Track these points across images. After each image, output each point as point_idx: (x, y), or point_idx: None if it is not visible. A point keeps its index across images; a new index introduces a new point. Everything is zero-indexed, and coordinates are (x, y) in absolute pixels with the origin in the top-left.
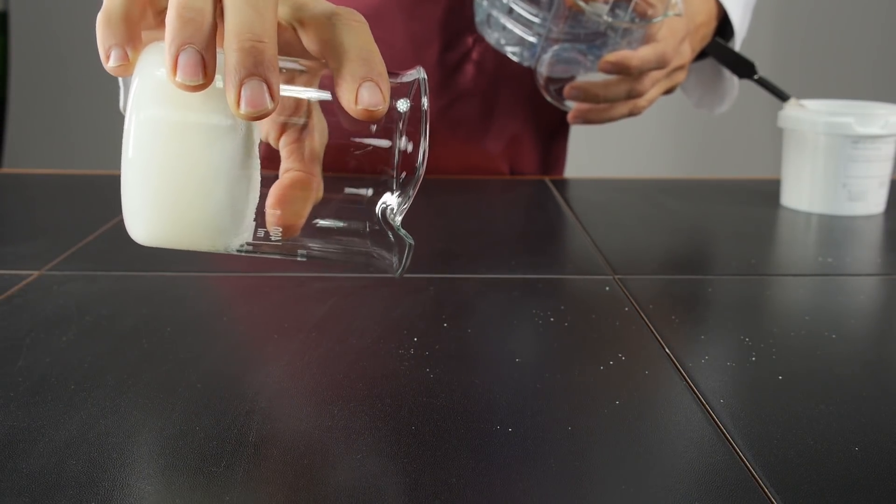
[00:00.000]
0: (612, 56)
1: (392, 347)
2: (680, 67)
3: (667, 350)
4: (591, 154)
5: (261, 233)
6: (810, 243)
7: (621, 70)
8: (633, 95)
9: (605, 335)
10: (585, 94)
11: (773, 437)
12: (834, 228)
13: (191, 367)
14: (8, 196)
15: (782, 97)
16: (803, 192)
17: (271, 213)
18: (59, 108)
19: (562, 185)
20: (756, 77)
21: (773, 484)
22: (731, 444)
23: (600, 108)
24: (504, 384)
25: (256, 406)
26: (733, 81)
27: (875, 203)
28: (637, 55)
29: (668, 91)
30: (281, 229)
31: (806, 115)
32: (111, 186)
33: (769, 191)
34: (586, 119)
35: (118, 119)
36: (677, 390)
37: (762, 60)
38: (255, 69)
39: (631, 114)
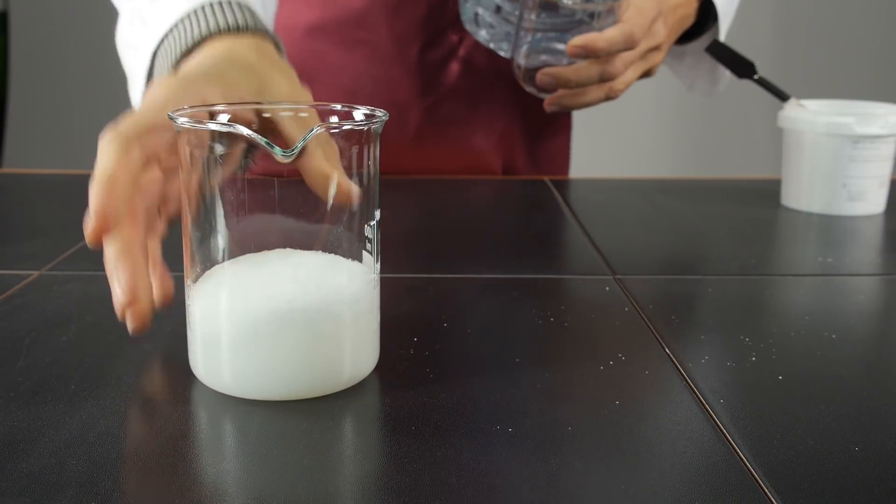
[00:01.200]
0: (578, 39)
1: (392, 347)
2: (655, 48)
3: (667, 350)
4: (591, 154)
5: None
6: (810, 243)
7: (589, 53)
8: (605, 78)
9: (605, 335)
10: (557, 79)
11: (773, 438)
12: (834, 228)
13: (191, 368)
14: (8, 196)
15: (782, 97)
16: (803, 192)
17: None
18: (59, 108)
19: (562, 185)
20: (756, 77)
21: (773, 484)
22: (731, 444)
23: (574, 93)
24: (504, 384)
25: (256, 406)
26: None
27: (875, 203)
28: (603, 37)
29: (646, 74)
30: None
31: (806, 115)
32: None
33: (769, 191)
34: (562, 105)
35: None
36: (677, 390)
37: (762, 60)
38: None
39: (607, 97)
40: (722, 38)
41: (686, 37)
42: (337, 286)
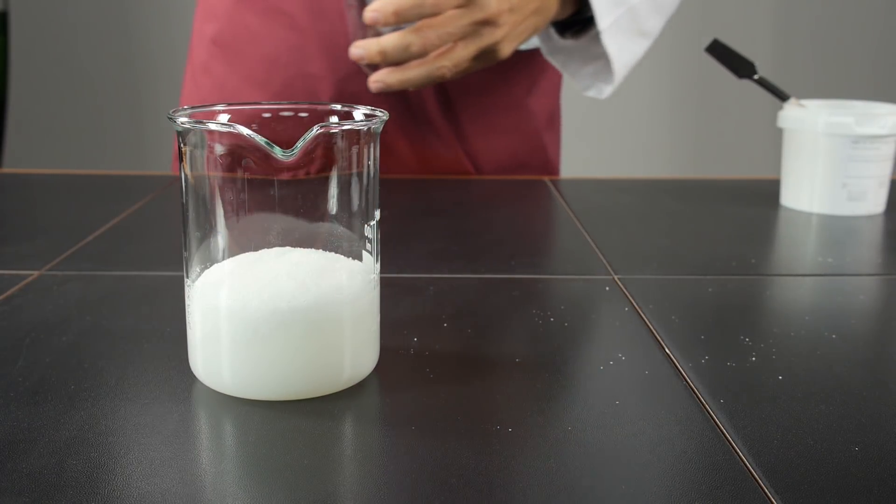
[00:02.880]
0: (373, 4)
1: (392, 347)
2: (486, 23)
3: (667, 350)
4: (590, 154)
5: None
6: (810, 243)
7: (386, 19)
8: (420, 52)
9: (605, 335)
10: (367, 52)
11: (772, 437)
12: (834, 228)
13: (190, 367)
14: (8, 196)
15: (782, 97)
16: (803, 192)
17: None
18: (59, 108)
19: (562, 185)
20: (756, 77)
21: (772, 484)
22: (730, 444)
23: (394, 69)
24: (504, 384)
25: (257, 406)
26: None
27: (875, 203)
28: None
29: (487, 56)
30: None
31: (806, 115)
32: (111, 186)
33: (769, 191)
34: (385, 83)
35: (118, 119)
36: (677, 390)
37: (762, 60)
38: None
39: (431, 77)
40: (603, 26)
41: (575, 29)
42: (337, 286)
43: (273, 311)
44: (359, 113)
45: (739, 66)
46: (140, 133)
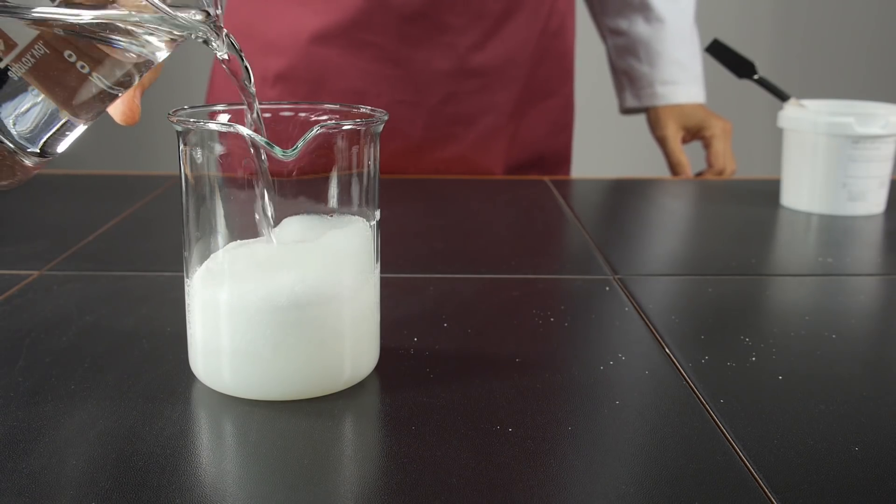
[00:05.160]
0: None
1: (392, 347)
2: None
3: (667, 350)
4: (591, 154)
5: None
6: (810, 243)
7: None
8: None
9: (605, 335)
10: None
11: (772, 438)
12: (834, 228)
13: (191, 367)
14: (8, 196)
15: (782, 97)
16: (803, 192)
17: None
18: None
19: (562, 185)
20: (756, 77)
21: (772, 484)
22: (731, 444)
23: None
24: (504, 384)
25: (256, 406)
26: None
27: (875, 203)
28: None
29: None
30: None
31: (806, 115)
32: (111, 186)
33: (769, 191)
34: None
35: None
36: (677, 390)
37: (762, 60)
38: None
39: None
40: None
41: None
42: (337, 286)
43: (273, 312)
44: (359, 113)
45: (739, 66)
46: (140, 133)
